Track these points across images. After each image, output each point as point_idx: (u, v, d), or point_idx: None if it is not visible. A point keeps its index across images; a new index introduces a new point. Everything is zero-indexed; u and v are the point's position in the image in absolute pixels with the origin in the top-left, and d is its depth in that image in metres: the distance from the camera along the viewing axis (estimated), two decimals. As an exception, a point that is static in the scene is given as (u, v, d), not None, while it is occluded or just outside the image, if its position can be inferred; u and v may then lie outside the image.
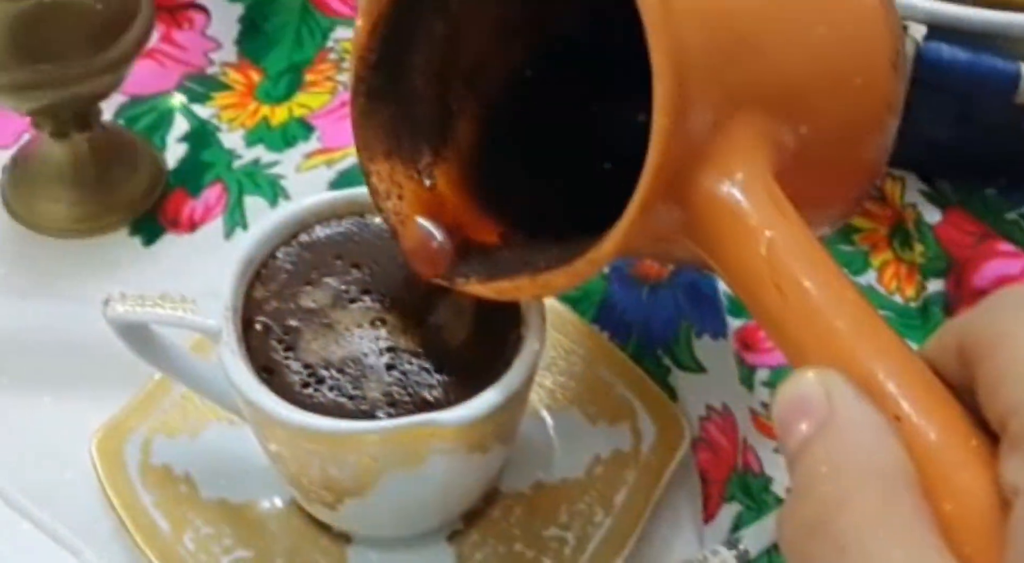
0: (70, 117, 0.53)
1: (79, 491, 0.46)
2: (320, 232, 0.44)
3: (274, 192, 0.57)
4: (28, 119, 0.55)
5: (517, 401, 0.40)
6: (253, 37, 0.63)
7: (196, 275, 0.53)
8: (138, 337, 0.43)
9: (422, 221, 0.40)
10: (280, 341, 0.41)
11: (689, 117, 0.32)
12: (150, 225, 0.56)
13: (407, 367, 0.41)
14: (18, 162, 0.57)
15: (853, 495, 0.27)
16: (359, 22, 0.40)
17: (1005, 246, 0.53)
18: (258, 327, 0.41)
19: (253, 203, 0.56)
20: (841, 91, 0.36)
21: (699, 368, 0.50)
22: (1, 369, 0.50)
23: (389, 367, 0.40)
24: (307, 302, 0.42)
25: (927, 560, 0.26)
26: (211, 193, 0.57)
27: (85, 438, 0.46)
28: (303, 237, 0.44)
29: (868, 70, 0.37)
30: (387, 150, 0.41)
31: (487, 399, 0.39)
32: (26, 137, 0.58)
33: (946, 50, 0.48)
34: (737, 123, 0.33)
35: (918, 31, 0.48)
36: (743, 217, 0.32)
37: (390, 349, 0.41)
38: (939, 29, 0.48)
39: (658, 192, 0.32)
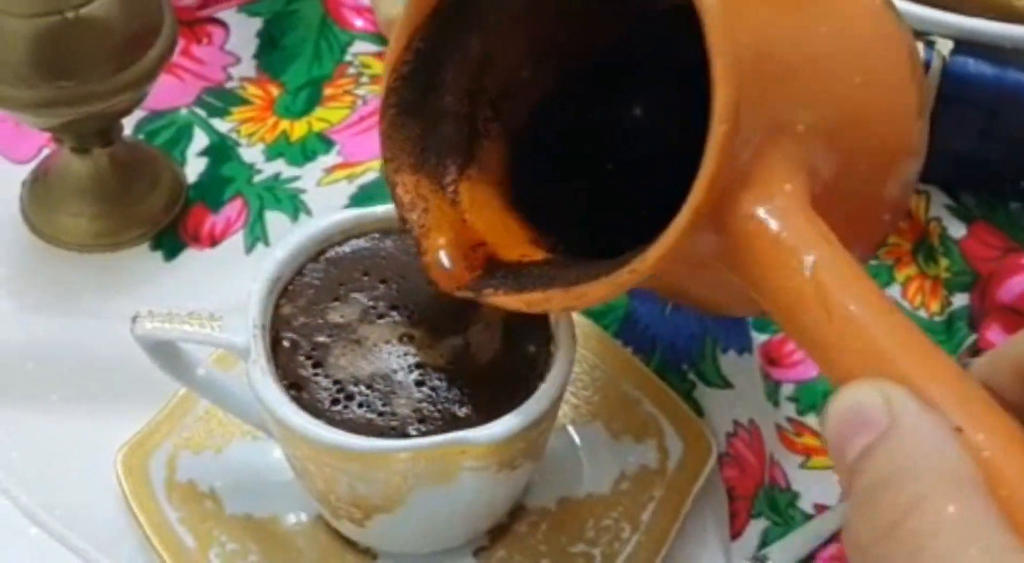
0: (91, 132, 0.53)
1: (103, 507, 0.46)
2: (347, 248, 0.44)
3: (295, 207, 0.57)
4: (48, 134, 0.55)
5: (548, 418, 0.40)
6: (272, 51, 0.62)
7: (217, 290, 0.53)
8: (165, 353, 0.43)
9: (442, 254, 0.40)
10: (308, 357, 0.41)
11: (741, 131, 0.32)
12: (171, 240, 0.55)
13: (436, 383, 0.40)
14: (38, 177, 0.57)
15: (925, 498, 0.27)
16: (396, 33, 0.40)
17: (1030, 260, 0.53)
18: (286, 343, 0.41)
19: (274, 218, 0.56)
20: (869, 133, 0.37)
21: (725, 384, 0.50)
22: (22, 385, 0.50)
23: (418, 383, 0.40)
24: (335, 318, 0.42)
25: (1005, 560, 0.26)
26: (231, 208, 0.56)
27: (109, 454, 0.46)
28: (330, 253, 0.43)
29: (895, 116, 0.38)
30: (413, 163, 0.41)
31: (519, 417, 0.39)
32: (46, 152, 0.58)
33: (972, 64, 0.48)
34: (776, 149, 0.33)
35: (945, 46, 0.48)
36: (785, 240, 0.32)
37: (419, 365, 0.41)
38: (966, 44, 0.48)
39: (710, 200, 0.32)
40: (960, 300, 0.53)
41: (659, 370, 0.50)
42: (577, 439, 0.48)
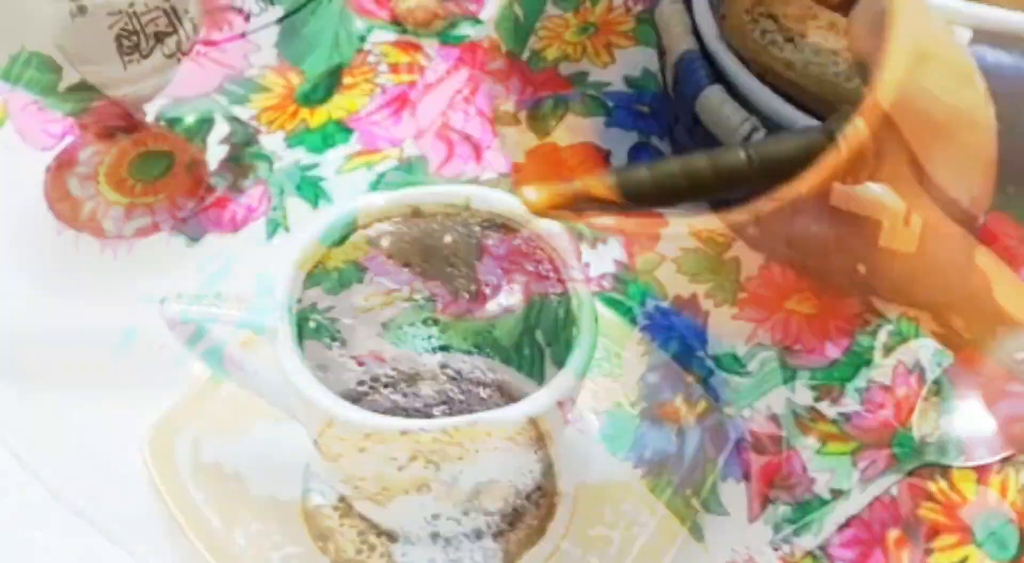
0: (115, 118, 0.54)
1: (131, 489, 0.46)
2: (371, 232, 0.44)
3: (315, 194, 0.57)
4: (71, 120, 0.56)
5: (569, 401, 0.41)
6: (292, 40, 0.63)
7: (240, 275, 0.53)
8: (192, 335, 0.43)
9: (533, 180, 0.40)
10: (334, 339, 0.41)
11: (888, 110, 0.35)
12: (193, 226, 0.56)
13: (460, 366, 0.41)
14: (62, 163, 0.57)
15: None
16: None
17: (1045, 251, 0.53)
18: (312, 325, 0.42)
19: (294, 205, 0.57)
20: (959, 174, 0.41)
21: (742, 370, 0.50)
22: (48, 368, 0.50)
23: (443, 365, 0.41)
24: (360, 301, 0.42)
25: None
26: (252, 194, 0.57)
27: (135, 437, 0.46)
28: (355, 237, 0.44)
29: (983, 151, 0.42)
30: None
31: (541, 399, 0.39)
32: (69, 139, 0.58)
33: (990, 54, 0.49)
34: (891, 152, 0.37)
35: (963, 35, 0.48)
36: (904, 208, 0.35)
37: (443, 348, 0.41)
38: (984, 33, 0.49)
39: (874, 133, 0.35)
40: (975, 289, 0.53)
41: (677, 357, 0.50)
42: (596, 424, 0.48)
